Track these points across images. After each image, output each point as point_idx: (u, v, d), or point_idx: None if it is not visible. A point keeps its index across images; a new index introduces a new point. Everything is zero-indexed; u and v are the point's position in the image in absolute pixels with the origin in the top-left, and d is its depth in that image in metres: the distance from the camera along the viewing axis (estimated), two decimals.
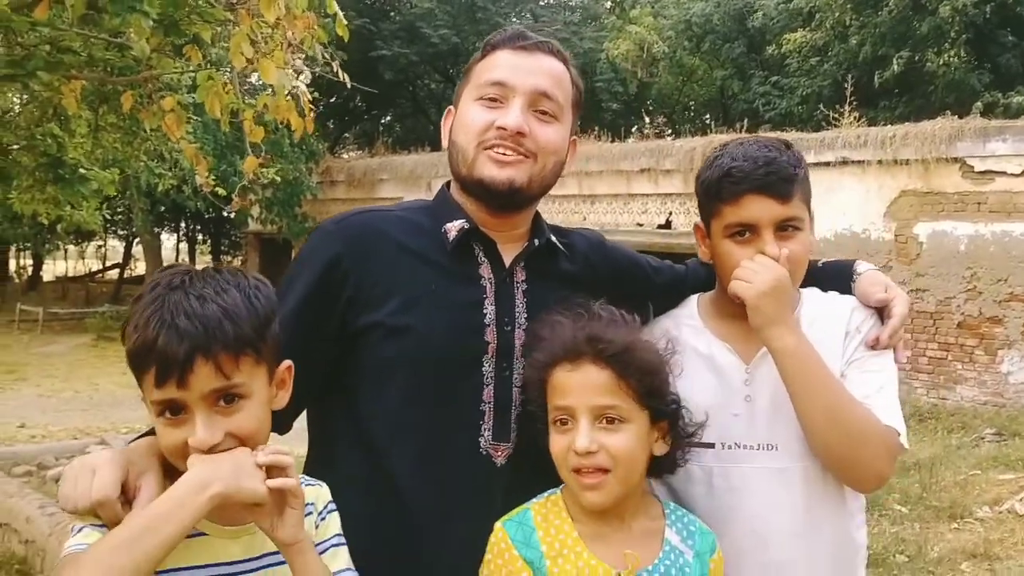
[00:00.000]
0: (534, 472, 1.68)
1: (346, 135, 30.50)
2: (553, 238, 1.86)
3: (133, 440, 1.52)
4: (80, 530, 1.36)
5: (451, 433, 1.68)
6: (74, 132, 6.48)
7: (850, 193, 12.28)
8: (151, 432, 1.52)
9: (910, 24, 18.22)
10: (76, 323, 22.85)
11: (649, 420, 1.58)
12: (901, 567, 6.20)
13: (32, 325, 22.42)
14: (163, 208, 23.94)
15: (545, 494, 1.64)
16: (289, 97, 4.73)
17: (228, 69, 5.82)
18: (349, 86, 5.09)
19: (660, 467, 1.63)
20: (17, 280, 32.30)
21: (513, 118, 1.73)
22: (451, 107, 1.88)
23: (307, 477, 1.55)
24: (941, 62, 17.45)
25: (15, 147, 4.78)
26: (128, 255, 32.53)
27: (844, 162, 12.33)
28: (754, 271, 1.71)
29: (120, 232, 32.30)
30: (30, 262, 33.53)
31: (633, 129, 20.95)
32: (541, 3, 27.96)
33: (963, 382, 11.41)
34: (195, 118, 8.82)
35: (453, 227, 1.76)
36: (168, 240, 34.46)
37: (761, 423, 1.77)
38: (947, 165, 11.46)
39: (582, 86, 1.90)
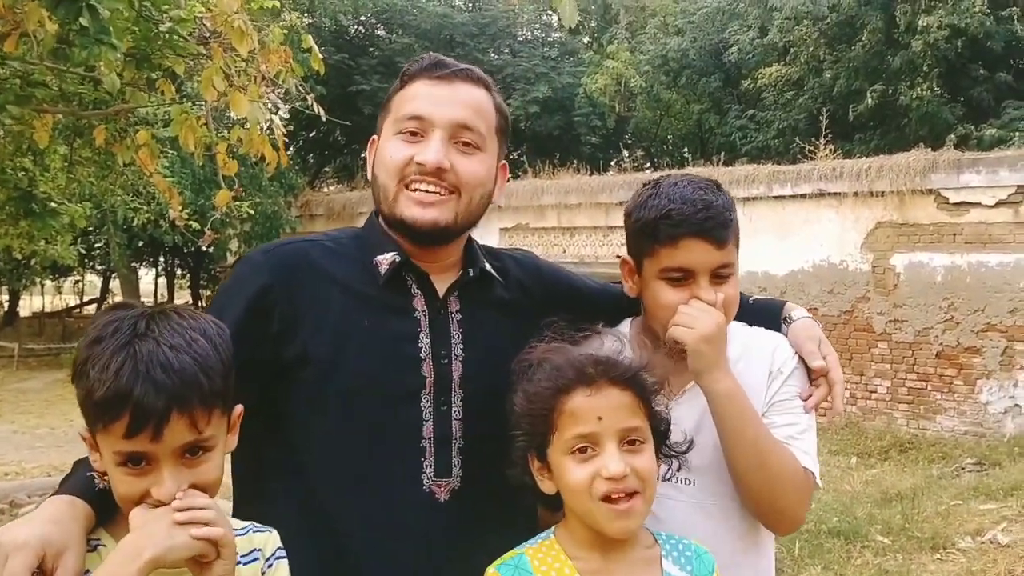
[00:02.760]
0: (477, 507, 1.64)
1: (325, 169, 30.47)
2: (487, 266, 1.81)
3: (53, 493, 1.44)
4: None
5: (390, 471, 1.63)
6: (48, 166, 6.43)
7: (827, 224, 12.35)
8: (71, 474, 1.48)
9: (883, 58, 18.46)
10: (52, 359, 22.58)
11: (655, 441, 1.55)
12: None
13: (8, 361, 22.15)
14: (140, 243, 23.76)
15: (536, 539, 1.58)
16: (264, 130, 4.71)
17: (203, 103, 5.81)
18: (324, 120, 5.08)
19: None
20: None
21: (432, 154, 1.67)
22: (375, 136, 1.82)
23: (256, 524, 1.51)
24: (914, 95, 17.65)
25: None
26: (105, 290, 32.29)
27: (821, 194, 12.41)
28: (694, 317, 1.68)
29: (98, 267, 32.05)
30: (6, 297, 33.22)
31: (612, 162, 21.07)
32: (519, 39, 28.13)
33: (943, 412, 11.43)
34: (171, 152, 8.78)
35: (384, 260, 1.70)
36: (146, 275, 34.21)
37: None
38: (922, 197, 11.55)
39: (507, 111, 1.86)
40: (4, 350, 22.70)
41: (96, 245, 26.39)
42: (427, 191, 1.67)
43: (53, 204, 4.98)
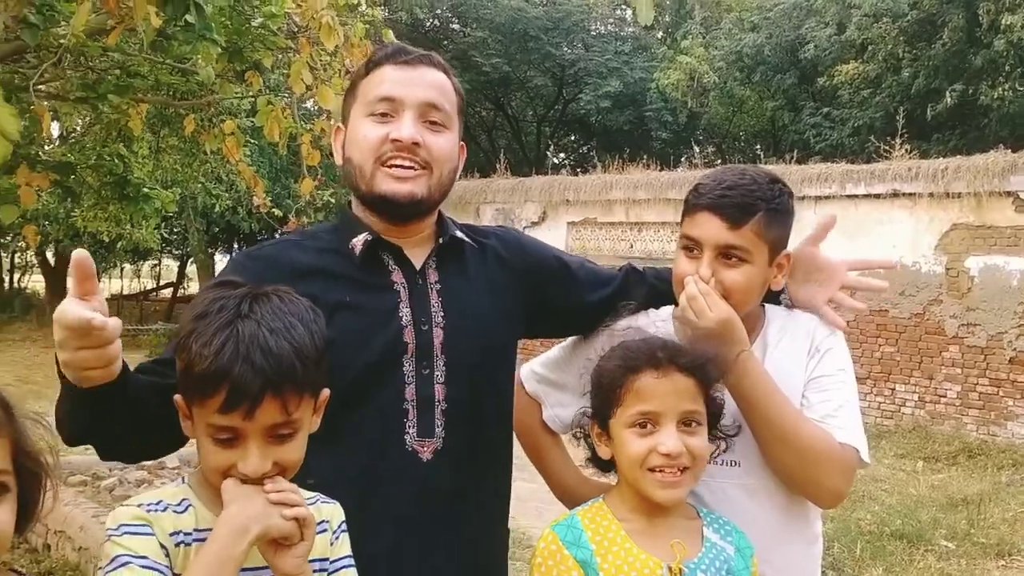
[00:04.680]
0: (460, 466, 1.75)
1: None
2: (459, 234, 1.89)
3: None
4: (121, 535, 1.39)
5: (374, 432, 1.71)
6: (136, 153, 6.72)
7: (901, 226, 12.19)
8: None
9: (964, 57, 18.08)
10: (131, 339, 23.29)
11: (708, 423, 1.67)
12: None
13: None
14: (217, 229, 24.39)
15: (588, 503, 1.71)
16: None
17: (286, 94, 6.01)
18: None
19: None
20: None
21: (407, 130, 1.76)
22: (339, 125, 1.92)
23: (322, 495, 1.58)
24: (995, 95, 17.26)
25: (83, 167, 4.99)
26: (182, 275, 33.11)
27: (895, 194, 12.25)
28: (702, 309, 1.74)
29: (175, 252, 32.90)
30: None
31: (682, 159, 20.98)
32: (592, 33, 28.13)
33: (1014, 418, 11.21)
34: (252, 141, 9.06)
35: (358, 241, 1.79)
36: (221, 261, 35.03)
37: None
38: (1000, 199, 11.33)
39: (463, 92, 1.93)
40: None
41: (175, 231, 27.12)
42: (402, 167, 1.76)
43: (146, 189, 5.24)
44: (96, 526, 5.58)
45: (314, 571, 1.46)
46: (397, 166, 1.77)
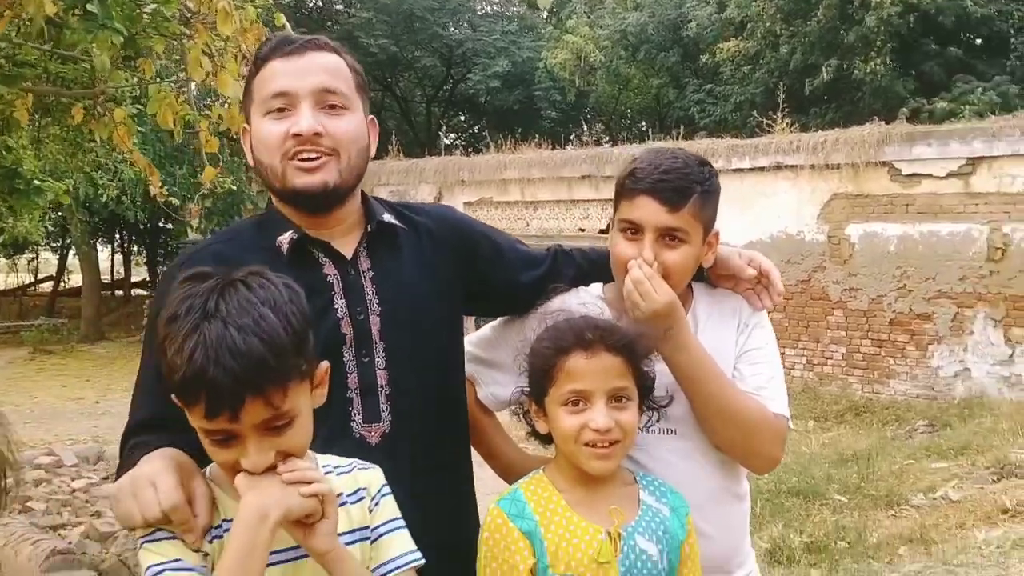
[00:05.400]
0: (409, 447, 1.79)
1: None
2: (388, 216, 1.88)
3: (141, 452, 1.56)
4: (153, 540, 1.42)
5: (323, 421, 1.68)
6: (18, 144, 6.44)
7: (785, 197, 12.66)
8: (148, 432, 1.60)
9: (838, 33, 18.76)
10: (11, 336, 22.35)
11: (639, 396, 1.75)
12: (842, 553, 6.45)
13: None
14: (97, 220, 23.55)
15: (529, 475, 1.79)
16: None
17: (175, 81, 5.86)
18: None
19: None
20: None
21: (305, 122, 1.75)
22: (245, 126, 1.89)
23: (360, 461, 1.60)
24: (868, 70, 17.99)
25: None
26: (62, 267, 31.85)
27: (778, 167, 12.71)
28: (647, 291, 1.82)
29: (52, 244, 31.62)
30: None
31: (572, 136, 21.24)
32: (479, 13, 28.14)
33: (896, 376, 11.83)
34: (138, 129, 8.77)
35: (284, 239, 1.79)
36: (102, 251, 33.82)
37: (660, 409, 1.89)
38: (876, 169, 11.88)
39: (360, 68, 1.91)
40: None
41: (51, 221, 26.06)
42: (309, 158, 1.75)
43: (37, 182, 5.04)
44: None
45: (355, 541, 1.47)
46: (304, 159, 1.76)
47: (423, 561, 1.56)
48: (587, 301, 1.95)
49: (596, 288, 2.06)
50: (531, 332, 1.83)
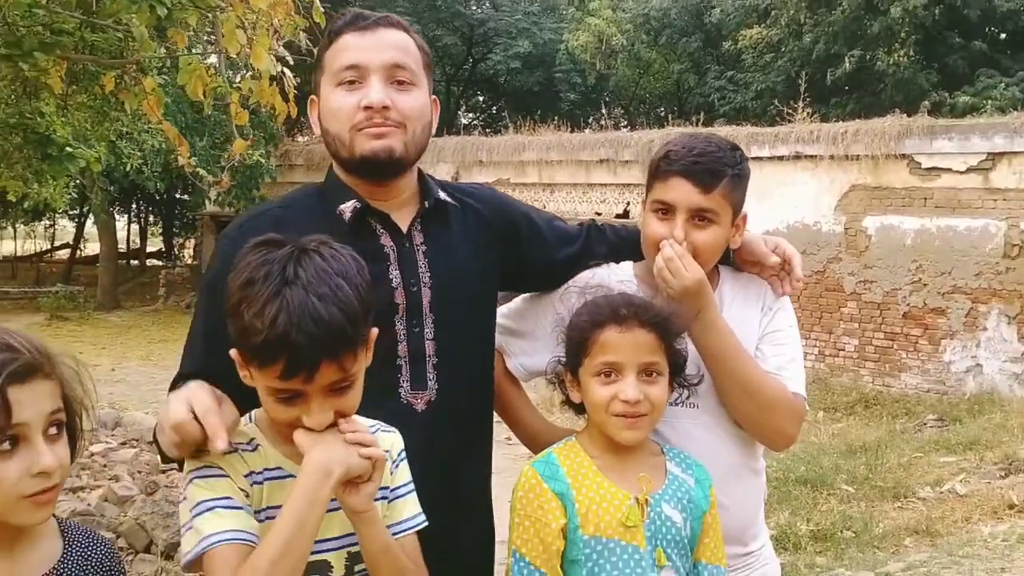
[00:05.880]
0: (452, 414, 1.87)
1: (303, 119, 30.31)
2: (443, 194, 1.96)
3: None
4: (204, 476, 1.51)
5: (372, 387, 1.75)
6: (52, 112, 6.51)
7: (803, 187, 12.66)
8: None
9: (862, 23, 18.69)
10: (28, 302, 22.55)
11: (671, 373, 1.82)
12: (848, 542, 6.50)
13: None
14: (115, 189, 23.69)
15: (562, 442, 1.87)
16: (274, 81, 4.86)
17: (203, 53, 5.90)
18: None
19: None
20: None
21: (376, 95, 1.81)
22: (313, 96, 1.96)
23: (382, 424, 1.67)
24: (891, 61, 17.94)
25: (2, 125, 4.84)
26: (80, 235, 32.04)
27: (797, 156, 12.70)
28: (677, 269, 1.89)
29: (70, 212, 31.83)
30: None
31: (591, 120, 21.20)
32: None
33: (907, 370, 11.86)
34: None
35: (347, 208, 1.86)
36: (118, 221, 34.02)
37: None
38: (896, 161, 11.87)
39: (428, 48, 1.97)
40: None
41: (71, 190, 26.20)
42: (378, 125, 1.83)
43: (70, 148, 5.10)
44: None
45: (376, 499, 1.53)
46: (373, 126, 1.83)
47: (426, 523, 1.65)
48: (619, 276, 2.04)
49: (628, 266, 2.13)
50: (570, 306, 1.91)
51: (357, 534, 1.51)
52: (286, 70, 4.94)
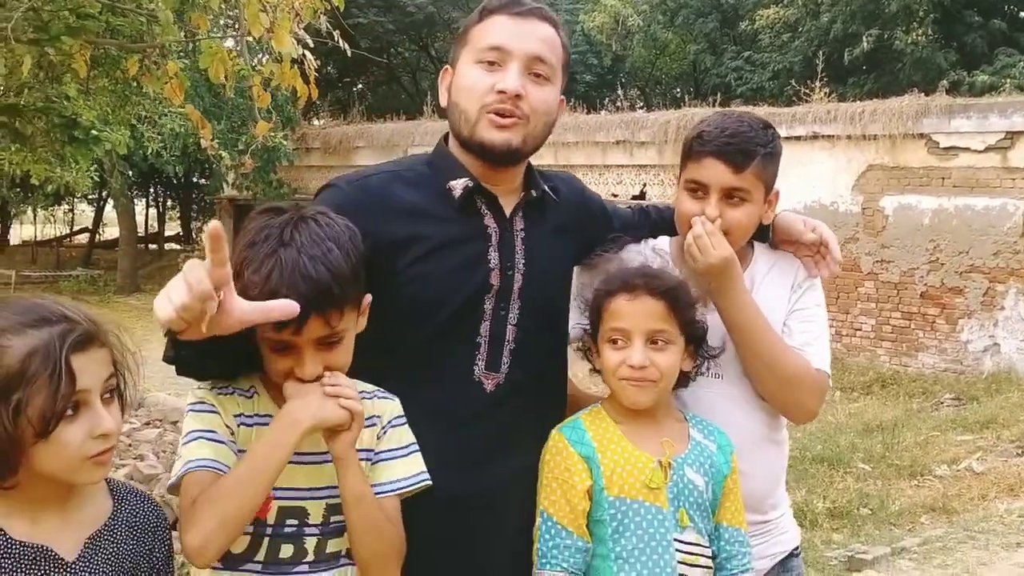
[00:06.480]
0: (517, 398, 1.93)
1: (317, 102, 30.36)
2: (546, 188, 2.02)
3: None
4: (198, 411, 1.65)
5: (449, 361, 1.87)
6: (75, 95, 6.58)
7: (820, 167, 12.63)
8: None
9: (880, 2, 18.56)
10: (49, 286, 22.73)
11: (684, 342, 1.88)
12: (864, 519, 6.57)
13: (4, 288, 22.26)
14: (134, 173, 23.83)
15: (588, 408, 1.94)
16: (295, 64, 4.91)
17: (223, 36, 5.95)
18: (350, 54, 5.27)
19: (680, 381, 1.93)
20: None
21: (512, 81, 1.85)
22: (447, 66, 2.01)
23: (382, 391, 1.78)
24: (909, 40, 17.83)
25: (30, 109, 4.91)
26: (99, 219, 32.23)
27: (815, 136, 12.67)
28: (706, 246, 1.94)
29: (89, 196, 32.04)
30: None
31: (607, 101, 21.16)
32: None
33: (924, 350, 11.87)
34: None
35: (458, 185, 1.90)
36: (137, 205, 34.21)
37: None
38: (913, 141, 11.83)
39: (570, 49, 2.03)
40: (0, 276, 22.82)
41: (95, 172, 26.35)
42: (504, 115, 1.87)
43: (95, 132, 5.18)
44: None
45: (360, 459, 1.66)
46: (499, 114, 1.87)
47: (410, 489, 1.71)
48: (655, 248, 2.12)
49: (663, 241, 2.20)
50: (592, 276, 1.99)
51: (338, 481, 1.62)
52: (307, 52, 4.99)
